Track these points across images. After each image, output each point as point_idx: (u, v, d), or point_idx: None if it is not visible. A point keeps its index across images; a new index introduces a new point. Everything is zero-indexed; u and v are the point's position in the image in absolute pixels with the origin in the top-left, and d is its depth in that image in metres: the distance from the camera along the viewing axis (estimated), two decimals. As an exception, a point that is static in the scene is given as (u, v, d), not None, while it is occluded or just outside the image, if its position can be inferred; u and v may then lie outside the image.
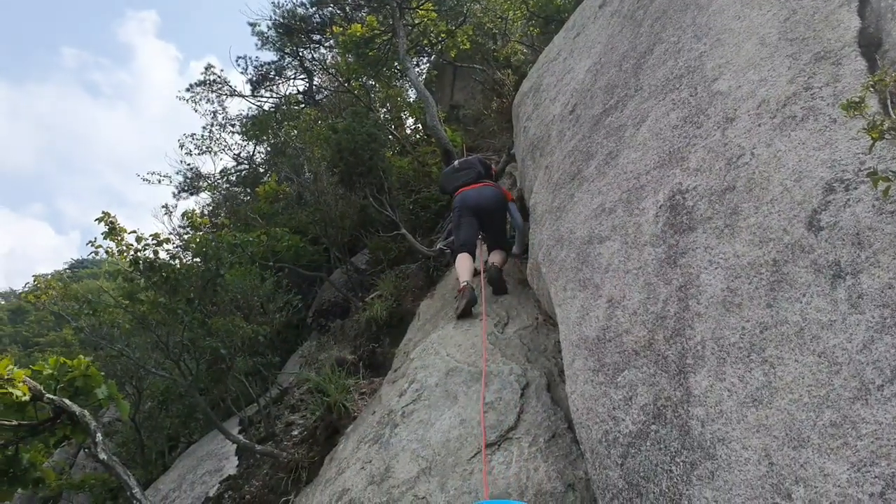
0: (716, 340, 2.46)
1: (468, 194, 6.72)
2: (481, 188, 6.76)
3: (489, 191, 6.73)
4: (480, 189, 6.75)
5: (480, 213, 6.62)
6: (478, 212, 6.62)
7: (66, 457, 12.63)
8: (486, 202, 6.63)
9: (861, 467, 1.77)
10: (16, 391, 4.24)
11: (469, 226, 6.60)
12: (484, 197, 6.67)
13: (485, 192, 6.71)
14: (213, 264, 7.70)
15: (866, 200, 2.22)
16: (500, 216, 6.68)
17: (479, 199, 6.64)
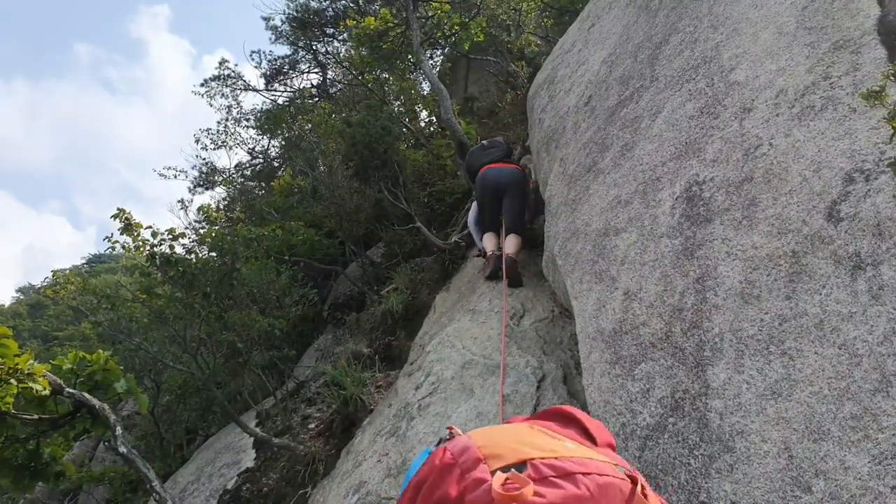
0: (734, 332, 2.44)
1: (489, 174, 6.96)
2: (501, 167, 7.00)
3: (508, 170, 6.96)
4: (500, 168, 6.98)
5: (500, 192, 6.85)
6: (497, 190, 6.85)
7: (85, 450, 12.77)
8: (506, 180, 6.85)
9: (882, 460, 1.75)
10: (36, 386, 4.28)
11: (491, 208, 6.88)
12: (504, 175, 6.90)
13: (504, 170, 6.95)
14: (228, 258, 7.74)
15: (887, 191, 2.20)
16: (520, 194, 6.88)
17: (499, 178, 6.88)
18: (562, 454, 1.05)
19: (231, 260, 7.72)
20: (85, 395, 4.73)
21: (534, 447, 1.07)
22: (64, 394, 4.60)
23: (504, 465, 1.01)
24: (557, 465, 1.02)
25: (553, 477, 0.99)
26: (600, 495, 0.98)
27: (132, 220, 6.89)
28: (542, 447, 1.07)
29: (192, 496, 7.45)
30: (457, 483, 1.01)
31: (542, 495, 0.95)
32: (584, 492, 0.97)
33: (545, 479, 0.99)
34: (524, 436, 1.12)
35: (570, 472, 1.01)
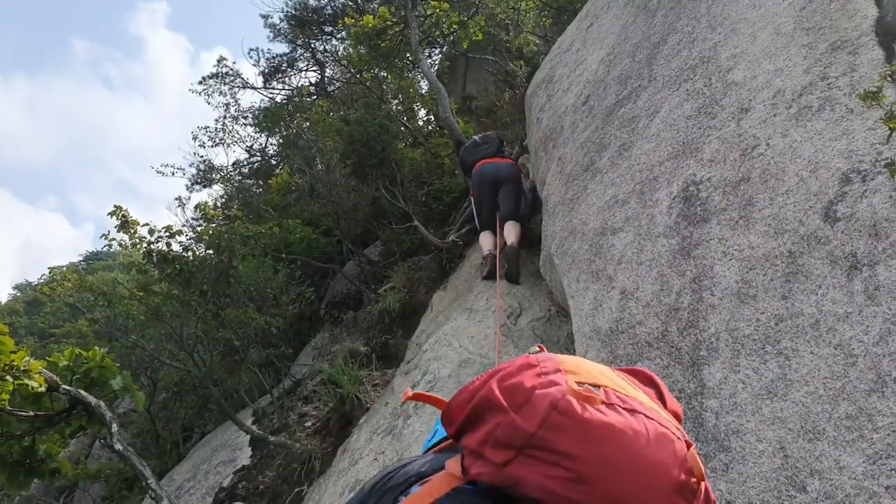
0: (730, 332, 2.45)
1: (486, 168, 7.17)
2: (498, 162, 7.22)
3: (505, 165, 7.20)
4: (497, 163, 7.19)
5: (497, 184, 7.04)
6: (495, 182, 7.05)
7: (81, 447, 12.76)
8: (502, 173, 7.07)
9: (877, 460, 1.76)
10: (32, 382, 4.28)
11: (489, 202, 7.06)
12: (501, 169, 7.12)
13: (501, 165, 7.18)
14: (225, 256, 7.73)
15: (883, 191, 2.20)
16: (517, 187, 7.05)
17: (496, 171, 7.09)
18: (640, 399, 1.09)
19: (228, 258, 7.71)
20: (81, 392, 4.73)
21: (610, 380, 1.11)
22: (60, 391, 4.60)
23: (580, 381, 1.06)
24: (627, 399, 1.06)
25: (619, 406, 1.04)
26: (655, 440, 1.02)
27: (129, 217, 6.88)
28: (618, 384, 1.11)
29: (188, 494, 7.44)
30: (533, 377, 1.07)
31: (605, 413, 1.01)
32: (642, 429, 1.02)
33: (612, 405, 1.03)
34: (605, 371, 1.15)
35: (636, 409, 1.05)
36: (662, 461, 1.02)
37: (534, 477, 1.02)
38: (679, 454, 1.04)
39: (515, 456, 1.03)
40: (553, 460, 1.02)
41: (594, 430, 1.01)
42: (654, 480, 1.02)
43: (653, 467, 1.02)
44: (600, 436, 1.01)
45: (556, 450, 1.01)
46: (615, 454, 1.00)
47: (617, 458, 1.00)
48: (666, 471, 1.02)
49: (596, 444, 1.01)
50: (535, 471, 1.02)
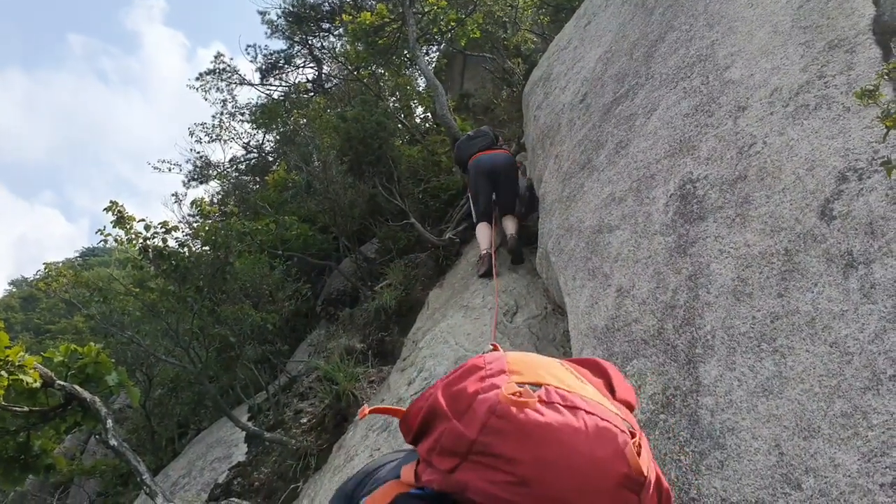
0: (726, 330, 2.45)
1: (482, 158, 7.14)
2: (494, 153, 7.18)
3: (502, 155, 7.17)
4: (494, 154, 7.16)
5: (494, 175, 7.05)
6: (492, 174, 7.05)
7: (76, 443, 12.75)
8: (499, 165, 7.05)
9: (872, 458, 1.76)
10: (27, 378, 4.28)
11: (486, 193, 7.07)
12: (497, 160, 7.09)
13: (498, 156, 7.14)
14: (222, 252, 7.72)
15: (880, 190, 2.20)
16: (513, 177, 7.08)
17: (493, 162, 7.07)
18: (576, 391, 1.11)
19: (224, 254, 7.70)
20: (76, 388, 4.72)
21: (554, 377, 1.14)
22: (55, 386, 4.59)
23: (522, 382, 1.10)
24: (568, 396, 1.08)
25: (559, 404, 1.06)
26: (595, 436, 1.03)
27: (125, 212, 6.86)
28: (562, 380, 1.14)
29: (184, 490, 7.44)
30: (476, 382, 1.11)
31: (542, 414, 1.03)
32: (581, 425, 1.04)
33: (551, 404, 1.06)
34: (552, 367, 1.19)
35: (576, 405, 1.07)
36: (602, 457, 1.03)
37: (478, 482, 1.04)
38: (621, 447, 1.05)
39: (460, 462, 1.05)
40: (495, 465, 1.03)
41: (531, 432, 1.02)
42: (595, 477, 1.03)
43: (592, 464, 1.03)
44: (537, 437, 1.02)
45: (496, 454, 1.02)
46: (552, 454, 1.02)
47: (554, 458, 1.02)
48: (606, 466, 1.03)
49: (533, 446, 1.02)
50: (480, 476, 1.04)
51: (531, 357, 1.22)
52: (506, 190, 7.05)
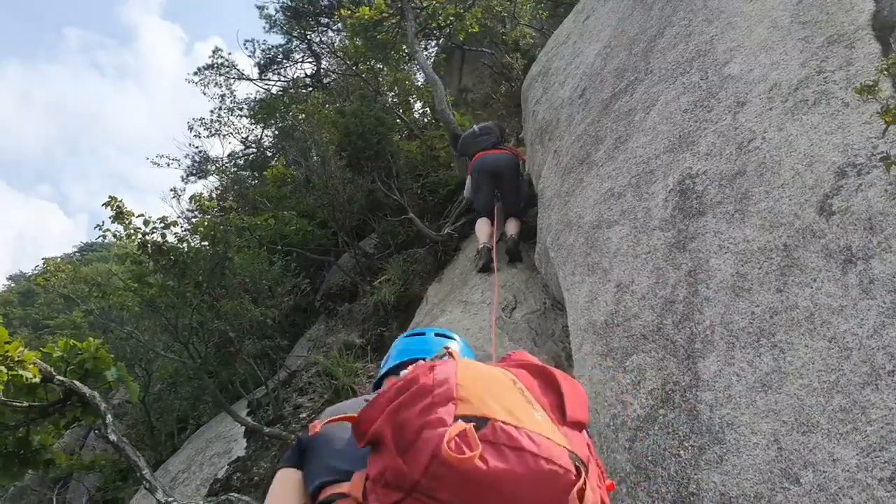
0: (725, 325, 2.45)
1: (486, 159, 7.14)
2: (498, 154, 7.16)
3: (505, 157, 7.14)
4: (498, 155, 7.14)
5: (497, 177, 7.09)
6: (494, 175, 7.08)
7: (76, 438, 12.74)
8: (503, 167, 7.07)
9: (870, 452, 1.77)
10: (26, 373, 4.26)
11: (487, 190, 7.11)
12: (501, 162, 7.09)
13: (501, 157, 7.12)
14: (221, 248, 7.72)
15: (879, 185, 2.21)
16: (515, 179, 7.12)
17: (496, 164, 7.08)
18: (524, 424, 1.14)
19: (223, 249, 7.69)
20: (75, 383, 4.72)
21: (502, 406, 1.16)
22: (54, 381, 4.59)
23: (469, 415, 1.12)
24: (515, 435, 1.11)
25: (505, 446, 1.09)
26: (538, 481, 1.07)
27: (124, 208, 6.86)
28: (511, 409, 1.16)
29: (183, 485, 7.44)
30: (422, 413, 1.14)
31: (486, 461, 1.06)
32: (524, 470, 1.07)
33: (497, 445, 1.09)
34: (501, 390, 1.22)
35: (522, 447, 1.09)
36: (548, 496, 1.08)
37: None
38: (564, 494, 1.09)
39: (403, 498, 1.10)
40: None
41: (473, 481, 1.05)
42: None
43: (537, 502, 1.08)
44: (479, 486, 1.05)
45: (438, 498, 1.07)
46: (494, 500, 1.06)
47: None
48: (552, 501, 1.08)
49: (475, 495, 1.06)
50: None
51: (482, 375, 1.25)
52: (508, 191, 7.10)
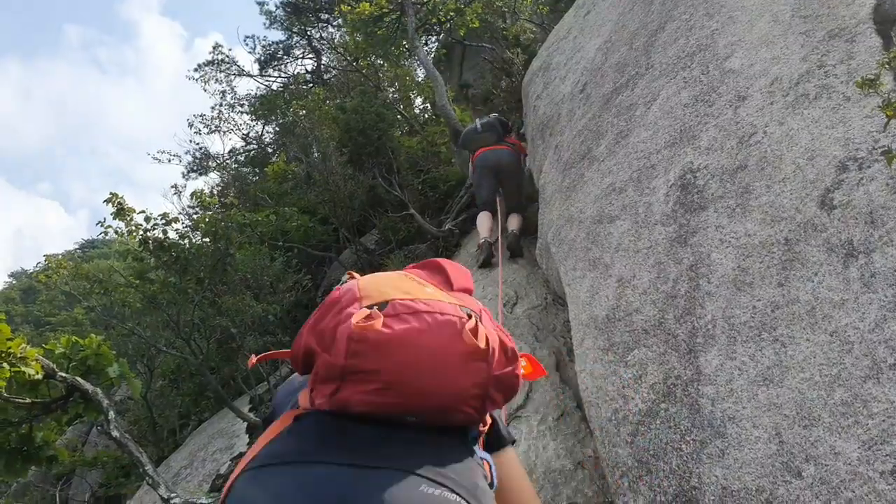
0: (726, 319, 2.46)
1: (488, 155, 7.26)
2: (500, 150, 7.26)
3: (507, 153, 7.25)
4: (499, 151, 7.25)
5: (499, 173, 7.21)
6: (497, 172, 7.21)
7: (78, 434, 12.78)
8: (504, 164, 7.19)
9: (872, 445, 1.77)
10: (28, 370, 4.28)
11: (489, 185, 7.23)
12: (503, 159, 7.21)
13: (503, 154, 7.24)
14: (222, 244, 7.73)
15: (880, 179, 2.21)
16: (517, 177, 7.21)
17: (498, 161, 7.20)
18: (418, 296, 1.38)
19: (225, 245, 7.70)
20: (77, 380, 4.73)
21: (398, 290, 1.40)
22: (56, 378, 4.60)
23: (371, 304, 1.35)
24: (411, 304, 1.35)
25: (404, 314, 1.33)
26: (437, 329, 1.30)
27: (125, 204, 6.87)
28: (406, 290, 1.40)
29: (186, 480, 7.46)
30: (334, 316, 1.36)
31: (390, 327, 1.30)
32: (423, 325, 1.30)
33: (398, 316, 1.32)
34: (396, 282, 1.45)
35: (418, 310, 1.34)
36: (444, 343, 1.30)
37: (356, 396, 1.31)
38: (458, 331, 1.32)
39: (339, 385, 1.32)
40: (365, 379, 1.30)
41: (384, 345, 1.28)
42: (442, 362, 1.31)
43: (437, 352, 1.31)
44: (390, 348, 1.28)
45: (363, 370, 1.29)
46: (405, 357, 1.29)
47: (408, 360, 1.29)
48: (449, 350, 1.31)
49: (389, 355, 1.28)
50: (356, 391, 1.31)
51: (379, 277, 1.48)
52: (509, 186, 7.20)
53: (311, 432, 1.37)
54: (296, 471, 1.30)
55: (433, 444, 1.36)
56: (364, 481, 1.25)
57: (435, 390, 1.33)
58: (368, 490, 1.24)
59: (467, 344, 1.30)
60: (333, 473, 1.27)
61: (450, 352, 1.31)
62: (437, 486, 1.28)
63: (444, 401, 1.35)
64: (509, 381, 1.42)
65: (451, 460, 1.35)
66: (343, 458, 1.29)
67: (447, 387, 1.34)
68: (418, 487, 1.26)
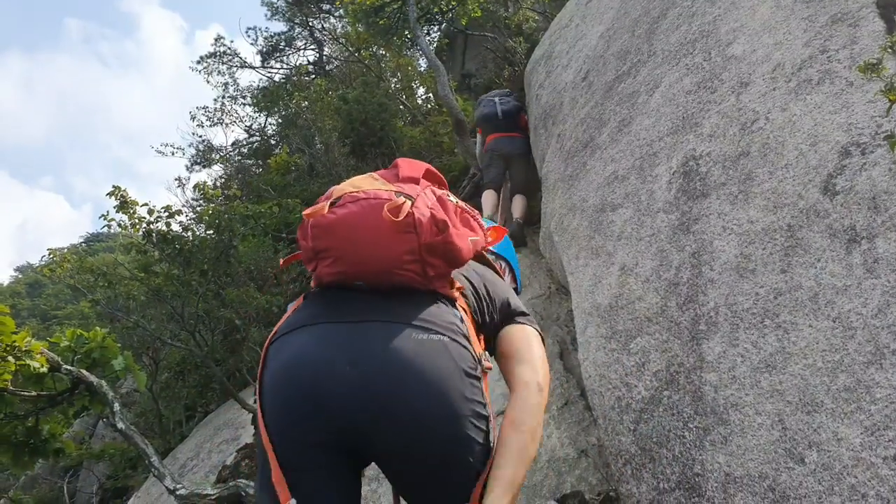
0: (729, 306, 2.45)
1: (502, 142, 7.53)
2: (514, 139, 7.50)
3: (519, 142, 7.47)
4: (514, 140, 7.49)
5: (510, 160, 7.49)
6: (508, 159, 7.49)
7: (85, 427, 12.83)
8: (516, 152, 7.45)
9: (875, 431, 1.77)
10: (34, 363, 4.29)
11: (497, 168, 7.54)
12: (514, 146, 7.47)
13: (516, 142, 7.48)
14: (226, 236, 7.73)
15: (883, 164, 2.19)
16: (525, 163, 7.38)
17: (510, 148, 7.48)
18: (365, 188, 1.79)
19: (228, 237, 7.71)
20: (83, 372, 4.75)
21: (355, 187, 1.81)
22: (62, 371, 4.62)
23: (332, 200, 1.78)
24: (356, 195, 1.76)
25: (348, 202, 1.74)
26: (370, 209, 1.71)
27: (128, 197, 6.87)
28: (360, 186, 1.81)
29: (192, 472, 7.49)
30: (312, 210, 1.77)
31: (334, 213, 1.73)
32: (358, 209, 1.72)
33: (343, 205, 1.74)
34: (358, 181, 1.88)
35: (357, 198, 1.75)
36: (374, 220, 1.68)
37: (324, 270, 1.78)
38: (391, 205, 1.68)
39: (315, 264, 1.80)
40: (325, 255, 1.76)
41: (330, 227, 1.72)
42: (374, 234, 1.69)
43: (369, 228, 1.69)
44: (333, 228, 1.72)
45: (321, 249, 1.75)
46: (345, 234, 1.71)
47: (347, 236, 1.71)
48: (378, 224, 1.67)
49: (334, 234, 1.73)
50: (322, 265, 1.78)
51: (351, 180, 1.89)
52: (517, 172, 7.40)
53: (316, 304, 1.83)
54: (310, 331, 1.73)
55: (410, 301, 1.76)
56: (365, 331, 1.68)
57: (371, 258, 1.72)
58: (370, 337, 1.67)
59: (393, 217, 1.64)
60: (339, 328, 1.71)
61: (378, 226, 1.67)
62: (424, 331, 1.69)
63: (382, 265, 1.73)
64: (442, 248, 1.75)
65: (426, 308, 1.76)
66: (343, 318, 1.73)
67: (381, 255, 1.71)
68: (410, 335, 1.67)
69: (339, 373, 1.59)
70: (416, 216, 1.68)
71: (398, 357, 1.61)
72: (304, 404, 1.60)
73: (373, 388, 1.58)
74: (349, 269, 1.74)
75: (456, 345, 1.71)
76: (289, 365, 1.66)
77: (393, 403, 1.58)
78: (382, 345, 1.63)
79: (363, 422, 1.59)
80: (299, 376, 1.63)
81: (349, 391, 1.58)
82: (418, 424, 1.59)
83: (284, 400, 1.63)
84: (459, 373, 1.67)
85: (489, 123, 7.67)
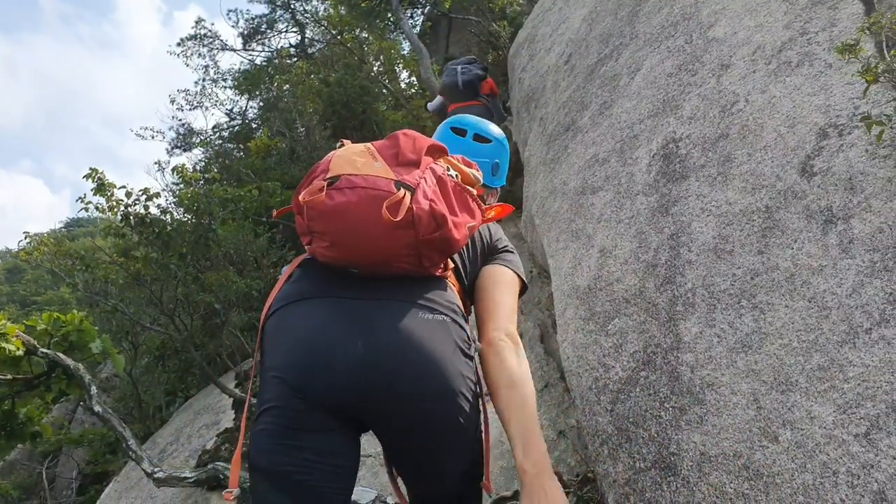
0: (706, 287, 2.46)
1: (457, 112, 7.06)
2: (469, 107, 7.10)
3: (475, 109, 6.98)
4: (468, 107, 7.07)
5: None
6: None
7: (65, 412, 12.75)
8: None
9: (847, 409, 1.78)
10: (9, 346, 4.25)
11: None
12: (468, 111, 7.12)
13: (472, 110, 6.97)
14: (205, 219, 7.67)
15: (860, 145, 2.20)
16: None
17: None
18: (364, 172, 1.74)
19: (207, 220, 7.64)
20: (59, 355, 4.71)
21: (353, 166, 1.76)
22: (38, 354, 4.57)
23: (331, 177, 1.73)
24: (354, 180, 1.71)
25: (346, 188, 1.69)
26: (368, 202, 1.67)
27: (105, 179, 6.79)
28: (357, 167, 1.76)
29: (172, 457, 7.47)
30: (307, 184, 1.78)
31: (332, 198, 1.69)
32: (356, 199, 1.68)
33: (342, 189, 1.69)
34: (357, 156, 1.81)
35: (356, 185, 1.70)
36: (372, 215, 1.65)
37: (317, 249, 1.80)
38: (389, 202, 1.64)
39: (310, 239, 1.80)
40: (320, 237, 1.75)
41: (326, 213, 1.69)
42: (371, 229, 1.67)
43: (366, 222, 1.67)
44: (329, 215, 1.69)
45: (317, 231, 1.75)
46: (342, 224, 1.69)
47: (344, 226, 1.70)
48: (375, 220, 1.64)
49: (329, 221, 1.71)
50: (317, 244, 1.78)
51: (347, 151, 1.85)
52: None
53: (316, 276, 1.88)
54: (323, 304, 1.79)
55: (412, 281, 1.84)
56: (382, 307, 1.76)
57: (368, 250, 1.73)
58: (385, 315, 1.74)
59: (390, 215, 1.62)
60: (354, 304, 1.77)
61: (376, 222, 1.65)
62: (429, 311, 1.79)
63: (379, 257, 1.75)
64: (439, 243, 1.76)
65: (431, 288, 1.85)
66: (349, 294, 1.79)
67: (378, 248, 1.72)
68: (418, 314, 1.76)
69: (352, 351, 1.68)
70: (414, 211, 1.68)
71: (409, 336, 1.71)
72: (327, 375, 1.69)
73: (385, 366, 1.68)
74: (345, 256, 1.78)
75: (456, 325, 1.83)
76: (306, 337, 1.74)
77: (403, 381, 1.69)
78: (395, 324, 1.72)
79: (374, 397, 1.70)
80: (317, 349, 1.71)
81: (362, 369, 1.67)
82: (423, 401, 1.72)
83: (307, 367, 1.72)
84: (458, 352, 1.80)
85: (451, 92, 7.43)
